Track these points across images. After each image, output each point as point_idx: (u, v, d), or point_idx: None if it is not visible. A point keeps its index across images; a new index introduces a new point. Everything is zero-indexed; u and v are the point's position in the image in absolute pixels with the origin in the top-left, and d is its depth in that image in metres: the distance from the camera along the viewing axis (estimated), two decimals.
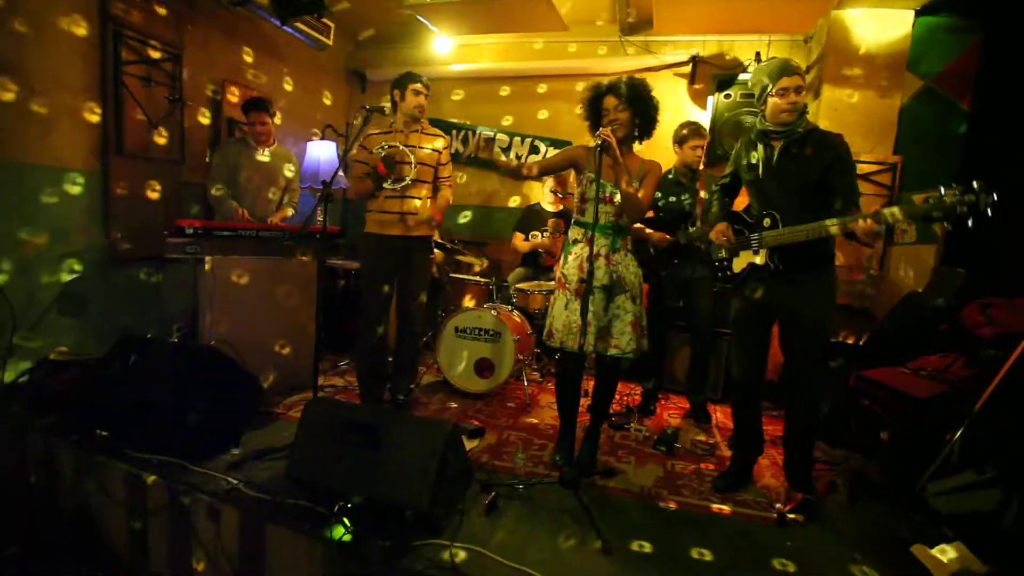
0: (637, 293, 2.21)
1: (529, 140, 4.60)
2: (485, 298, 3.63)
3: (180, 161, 3.45)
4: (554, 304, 2.28)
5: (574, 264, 2.23)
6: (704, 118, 3.97)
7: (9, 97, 2.61)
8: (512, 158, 4.52)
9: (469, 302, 3.68)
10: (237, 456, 2.17)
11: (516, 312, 3.40)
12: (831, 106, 3.53)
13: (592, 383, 2.40)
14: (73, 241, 2.94)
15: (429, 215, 2.71)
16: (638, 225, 2.72)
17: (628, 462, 2.46)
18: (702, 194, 2.94)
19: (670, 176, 2.97)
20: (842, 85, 3.52)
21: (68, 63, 2.86)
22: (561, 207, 3.88)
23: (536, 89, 4.55)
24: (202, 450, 2.14)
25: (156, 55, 3.23)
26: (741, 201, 2.27)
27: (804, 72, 2.04)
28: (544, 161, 2.41)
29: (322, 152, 4.08)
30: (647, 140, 2.27)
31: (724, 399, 3.36)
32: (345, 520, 1.71)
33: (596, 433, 2.39)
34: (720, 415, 3.16)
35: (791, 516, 2.00)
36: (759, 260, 2.10)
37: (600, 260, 2.13)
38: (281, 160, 3.44)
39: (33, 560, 2.11)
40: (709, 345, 3.09)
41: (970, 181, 1.63)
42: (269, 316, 2.88)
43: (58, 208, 2.84)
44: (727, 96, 3.77)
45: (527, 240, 3.91)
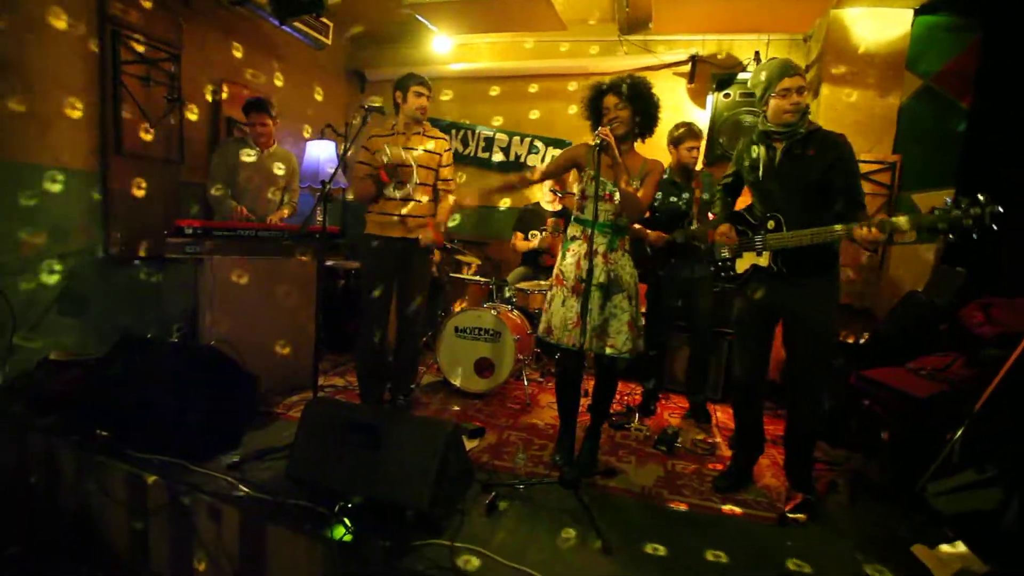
0: (633, 293, 2.21)
1: (528, 140, 4.60)
2: (485, 298, 3.63)
3: (179, 161, 3.45)
4: (551, 301, 2.27)
5: (571, 261, 2.23)
6: (703, 117, 3.97)
7: (8, 97, 2.60)
8: (513, 177, 4.36)
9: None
10: (238, 457, 2.17)
11: (516, 312, 3.40)
12: (830, 105, 3.53)
13: (593, 383, 2.40)
14: (73, 241, 2.93)
15: (431, 240, 2.73)
16: (636, 226, 2.72)
17: (629, 462, 2.46)
18: (697, 194, 2.94)
19: (665, 176, 2.97)
20: (841, 84, 3.52)
21: (67, 63, 2.85)
22: (560, 206, 3.88)
23: (535, 89, 4.55)
24: (202, 450, 2.14)
25: (155, 55, 3.23)
26: (743, 200, 2.27)
27: (804, 72, 2.04)
28: (546, 167, 2.41)
29: (321, 152, 4.08)
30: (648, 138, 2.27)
31: (724, 399, 3.36)
32: (346, 520, 1.71)
33: (596, 433, 2.39)
34: (721, 415, 3.16)
35: (792, 516, 2.00)
36: (762, 262, 2.10)
37: (598, 258, 2.13)
38: (281, 160, 3.43)
39: (33, 560, 2.11)
40: (709, 345, 3.09)
41: (975, 194, 1.62)
42: (269, 316, 2.88)
43: (57, 208, 2.84)
44: (726, 96, 3.77)
45: (527, 240, 3.91)
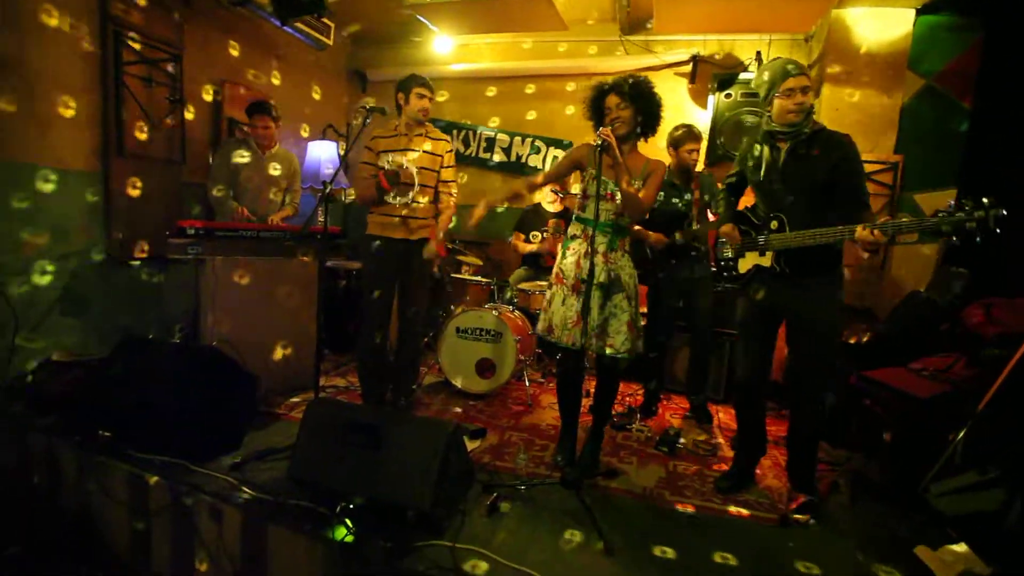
0: (633, 294, 2.20)
1: (529, 140, 4.60)
2: (486, 299, 3.63)
3: (181, 161, 3.46)
4: (551, 300, 2.27)
5: (572, 260, 2.22)
6: (704, 118, 3.97)
7: (10, 98, 2.61)
8: (517, 184, 4.15)
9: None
10: (239, 457, 2.17)
11: (517, 312, 3.39)
12: (832, 105, 3.53)
13: (594, 383, 2.39)
14: (74, 241, 2.94)
15: (434, 254, 2.73)
16: (636, 227, 2.72)
17: (630, 463, 2.46)
18: (697, 196, 2.94)
19: (665, 178, 2.96)
20: (843, 84, 3.51)
21: (68, 63, 2.86)
22: (562, 207, 3.87)
23: (536, 89, 4.55)
24: (204, 451, 2.15)
25: (156, 55, 3.23)
26: (747, 201, 2.26)
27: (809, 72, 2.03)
28: (549, 171, 2.40)
29: (323, 152, 4.08)
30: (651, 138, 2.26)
31: (725, 399, 3.35)
32: (347, 521, 1.71)
33: (598, 434, 2.38)
34: (722, 415, 3.15)
35: (794, 517, 2.00)
36: (765, 262, 2.10)
37: (598, 257, 2.12)
38: (282, 161, 3.44)
39: (34, 560, 2.11)
40: (709, 345, 3.08)
41: (979, 196, 1.61)
42: (270, 317, 2.88)
43: (59, 208, 2.84)
44: (727, 96, 3.76)
45: (527, 241, 3.91)
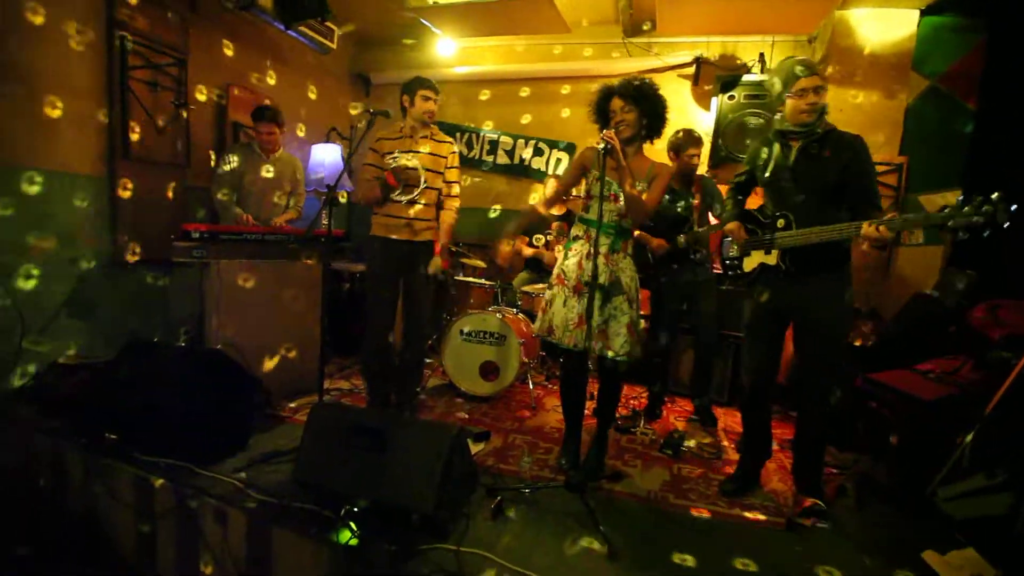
0: (634, 297, 2.19)
1: (533, 142, 4.61)
2: (490, 302, 3.63)
3: (186, 165, 3.47)
4: (552, 301, 2.26)
5: (574, 261, 2.22)
6: (708, 120, 3.96)
7: (16, 103, 2.63)
8: (529, 208, 4.18)
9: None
10: (244, 460, 2.17)
11: (521, 315, 3.39)
12: (835, 106, 3.48)
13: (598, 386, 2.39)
14: (80, 245, 2.95)
15: (439, 268, 2.73)
16: (637, 232, 2.71)
17: (634, 465, 2.45)
18: (697, 200, 2.93)
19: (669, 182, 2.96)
20: (847, 85, 3.51)
21: (75, 68, 2.88)
22: (565, 210, 3.87)
23: (538, 92, 4.55)
24: (209, 453, 2.15)
25: (161, 60, 3.26)
26: (754, 202, 2.25)
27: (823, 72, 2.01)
28: (557, 186, 2.38)
29: (326, 155, 4.09)
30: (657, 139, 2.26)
31: (730, 402, 3.34)
32: (351, 524, 1.72)
33: (603, 437, 2.37)
34: (727, 418, 3.14)
35: (800, 521, 1.99)
36: (771, 260, 2.09)
37: (599, 258, 2.11)
38: (286, 165, 3.45)
39: (40, 562, 2.12)
40: (713, 348, 3.07)
41: (988, 192, 1.60)
42: (275, 319, 2.89)
43: (65, 212, 2.86)
44: (731, 98, 3.76)
45: (531, 245, 3.91)
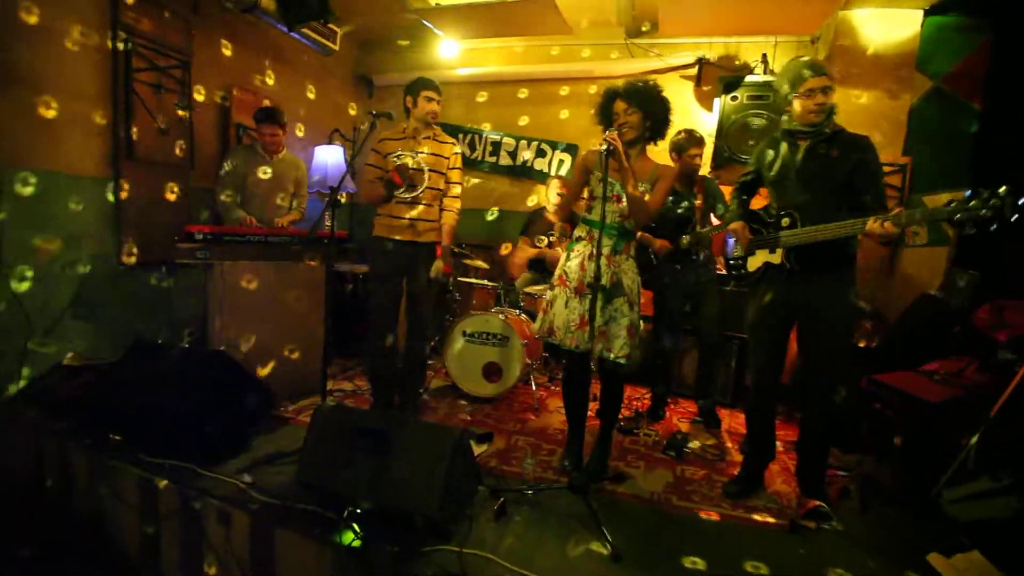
0: (635, 299, 2.18)
1: (535, 143, 4.61)
2: (493, 303, 3.63)
3: (190, 167, 3.49)
4: (553, 301, 2.25)
5: (576, 262, 2.22)
6: (711, 120, 3.95)
7: (21, 104, 2.64)
8: (551, 218, 3.89)
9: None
10: (247, 461, 2.18)
11: (524, 316, 3.39)
12: (839, 107, 3.50)
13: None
14: (85, 247, 2.97)
15: (441, 272, 2.74)
16: (640, 233, 2.70)
17: (638, 467, 2.45)
18: (699, 200, 2.93)
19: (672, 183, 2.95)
20: (850, 86, 3.49)
21: (80, 71, 2.89)
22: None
23: (539, 93, 4.55)
24: (213, 454, 2.16)
25: (165, 62, 3.27)
26: (759, 202, 2.25)
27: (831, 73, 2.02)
28: (564, 196, 2.36)
29: (329, 157, 4.10)
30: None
31: (733, 403, 3.33)
32: (354, 525, 1.72)
33: (606, 439, 2.37)
34: (731, 420, 3.13)
35: (804, 522, 1.98)
36: (775, 259, 2.08)
37: (602, 259, 2.11)
38: (290, 167, 3.46)
39: (45, 562, 2.13)
40: (717, 349, 3.07)
41: (996, 186, 1.58)
42: (278, 320, 2.90)
43: (70, 214, 2.87)
44: (734, 98, 3.74)
45: (535, 245, 3.90)
